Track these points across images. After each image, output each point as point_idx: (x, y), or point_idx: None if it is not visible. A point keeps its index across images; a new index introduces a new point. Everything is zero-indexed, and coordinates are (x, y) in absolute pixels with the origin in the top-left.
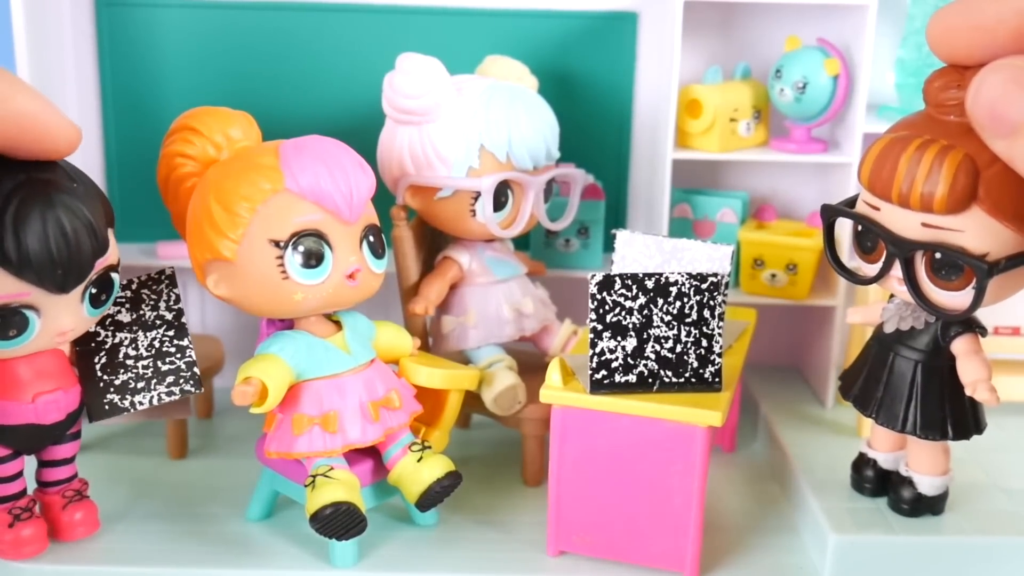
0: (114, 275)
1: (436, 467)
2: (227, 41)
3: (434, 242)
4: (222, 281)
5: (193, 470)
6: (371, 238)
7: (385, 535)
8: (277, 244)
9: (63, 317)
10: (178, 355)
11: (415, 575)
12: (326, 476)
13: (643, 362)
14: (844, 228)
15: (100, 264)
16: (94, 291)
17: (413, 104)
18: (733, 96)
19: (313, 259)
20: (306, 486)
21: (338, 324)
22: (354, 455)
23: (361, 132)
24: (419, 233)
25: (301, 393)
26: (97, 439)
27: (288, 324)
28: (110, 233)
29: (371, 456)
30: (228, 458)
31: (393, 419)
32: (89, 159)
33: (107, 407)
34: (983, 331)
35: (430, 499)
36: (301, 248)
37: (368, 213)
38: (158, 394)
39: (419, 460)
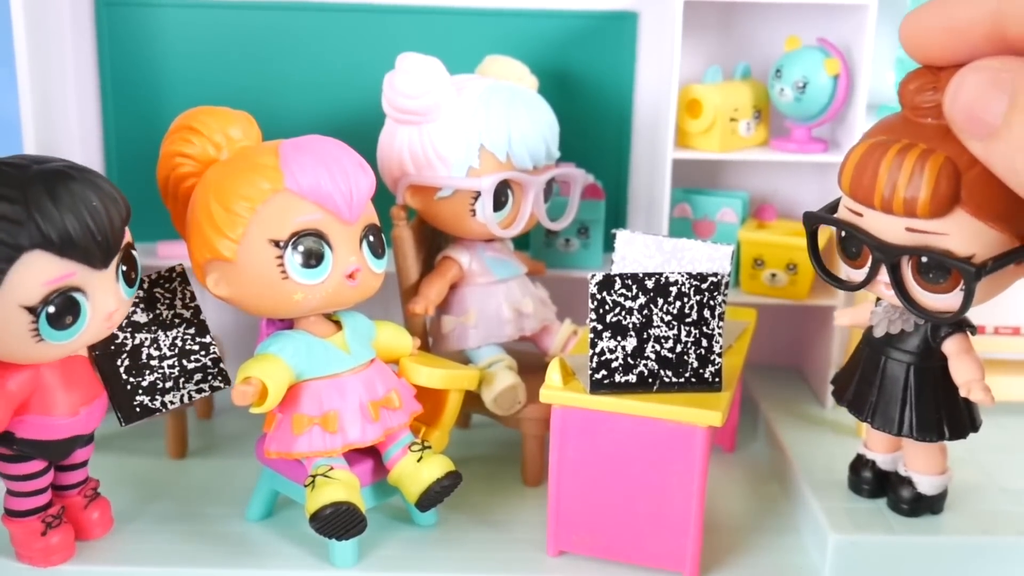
0: (134, 252)
1: (436, 467)
2: (227, 41)
3: (434, 242)
4: (222, 281)
5: (193, 470)
6: (371, 238)
7: (385, 535)
8: (277, 244)
9: (107, 297)
10: (202, 352)
11: (415, 575)
12: (326, 476)
13: (643, 362)
14: None
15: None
16: (124, 268)
17: (413, 104)
18: (733, 96)
19: (313, 259)
20: (306, 486)
21: (338, 324)
22: (354, 455)
23: (361, 132)
24: (419, 233)
25: (301, 393)
26: (96, 440)
27: (288, 324)
28: None
29: (371, 456)
30: (228, 458)
31: (393, 419)
32: (89, 159)
33: (138, 409)
34: (973, 330)
35: (430, 499)
36: (301, 248)
37: (368, 213)
38: (188, 392)
39: (419, 460)
